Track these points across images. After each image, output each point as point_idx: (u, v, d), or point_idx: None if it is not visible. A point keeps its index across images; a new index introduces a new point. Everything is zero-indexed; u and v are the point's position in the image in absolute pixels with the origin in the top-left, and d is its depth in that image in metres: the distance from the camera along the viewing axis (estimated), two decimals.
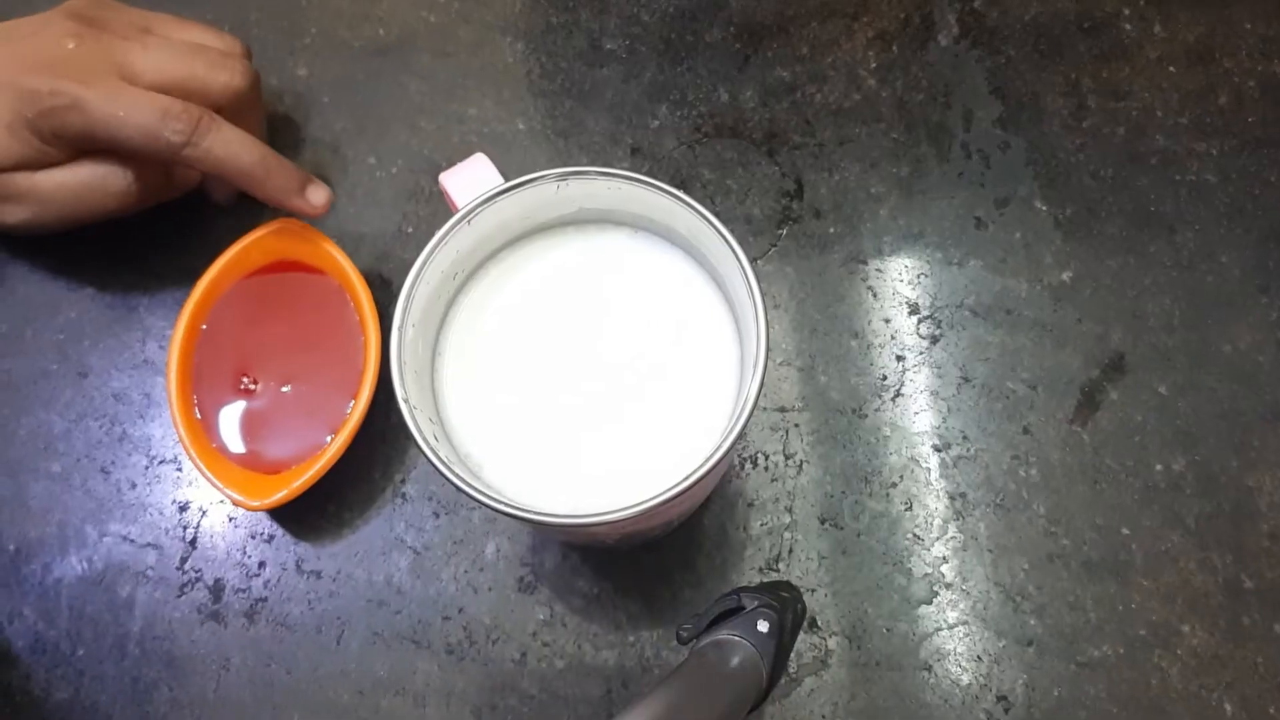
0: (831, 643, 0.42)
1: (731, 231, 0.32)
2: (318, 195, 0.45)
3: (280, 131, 0.50)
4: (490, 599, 0.43)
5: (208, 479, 0.42)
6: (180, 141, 0.41)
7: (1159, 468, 0.44)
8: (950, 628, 0.42)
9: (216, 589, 0.44)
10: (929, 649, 0.42)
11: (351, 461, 0.43)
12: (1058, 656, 0.42)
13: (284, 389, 0.44)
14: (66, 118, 0.40)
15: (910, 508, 0.44)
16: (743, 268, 0.32)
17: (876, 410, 0.45)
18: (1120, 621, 0.42)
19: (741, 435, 0.30)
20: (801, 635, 0.42)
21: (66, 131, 0.41)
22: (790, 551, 0.43)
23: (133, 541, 0.45)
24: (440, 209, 0.49)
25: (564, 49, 0.52)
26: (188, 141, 0.41)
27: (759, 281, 0.31)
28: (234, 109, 0.44)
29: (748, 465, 0.45)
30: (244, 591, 0.44)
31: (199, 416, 0.43)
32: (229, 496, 0.41)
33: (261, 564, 0.44)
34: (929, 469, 0.44)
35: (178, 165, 0.43)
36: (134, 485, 0.46)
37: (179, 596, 0.44)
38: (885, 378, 0.46)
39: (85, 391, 0.47)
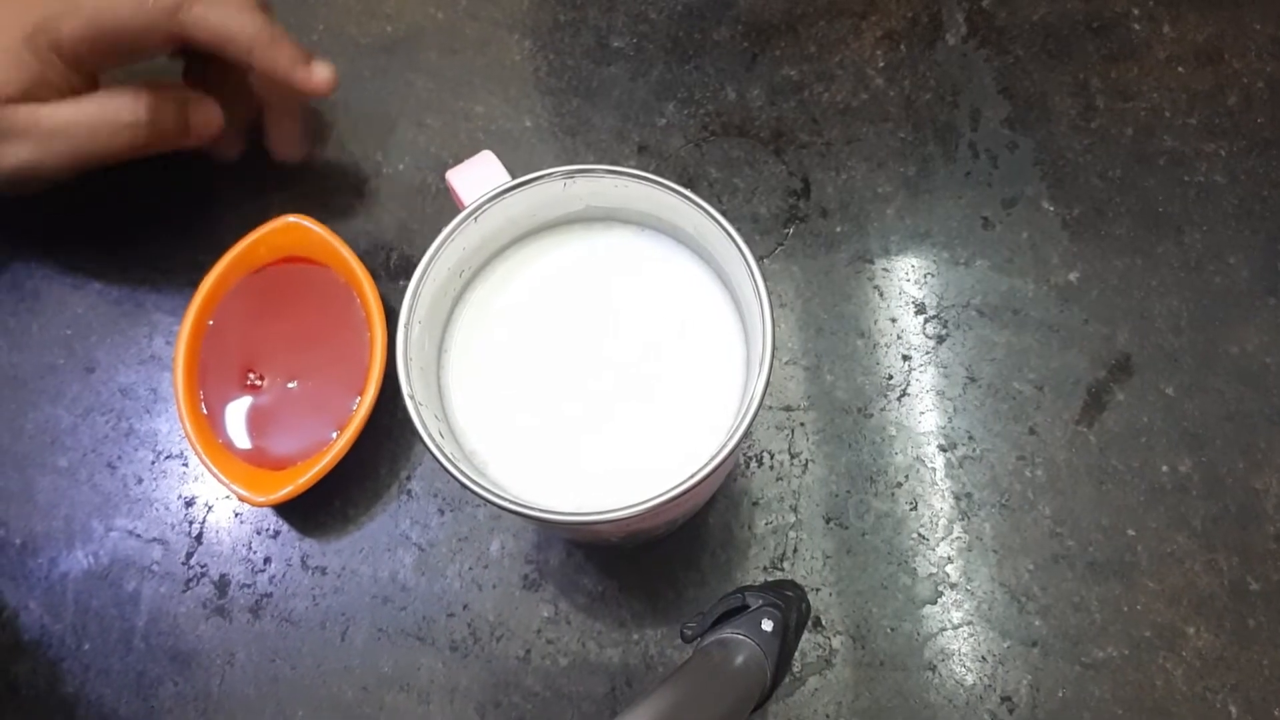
0: (836, 642, 0.42)
1: (738, 230, 0.32)
2: (323, 70, 0.43)
3: None
4: (495, 596, 0.43)
5: (214, 474, 0.42)
6: (170, 4, 0.39)
7: (1165, 469, 0.44)
8: (955, 628, 0.42)
9: (222, 584, 0.44)
10: (933, 649, 0.42)
11: (357, 458, 0.43)
12: (1062, 657, 0.42)
13: (290, 385, 0.44)
14: (60, 26, 0.38)
15: (915, 507, 0.44)
16: (749, 266, 0.32)
17: (882, 410, 0.45)
18: (1125, 623, 0.42)
19: (747, 434, 0.30)
20: (806, 634, 0.42)
21: (63, 39, 0.39)
22: (795, 551, 0.43)
23: (139, 536, 0.45)
24: (447, 206, 0.49)
25: (571, 47, 0.52)
26: (178, 5, 0.39)
27: (765, 280, 0.31)
28: None
29: (753, 464, 0.45)
30: (249, 587, 0.44)
31: (205, 412, 0.43)
32: (235, 492, 0.42)
33: (267, 559, 0.44)
34: (934, 469, 0.44)
35: (175, 41, 0.41)
36: (140, 480, 0.46)
37: (184, 591, 0.44)
38: (891, 377, 0.46)
39: (92, 386, 0.47)
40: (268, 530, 0.45)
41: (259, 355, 0.44)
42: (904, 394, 0.45)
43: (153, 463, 0.46)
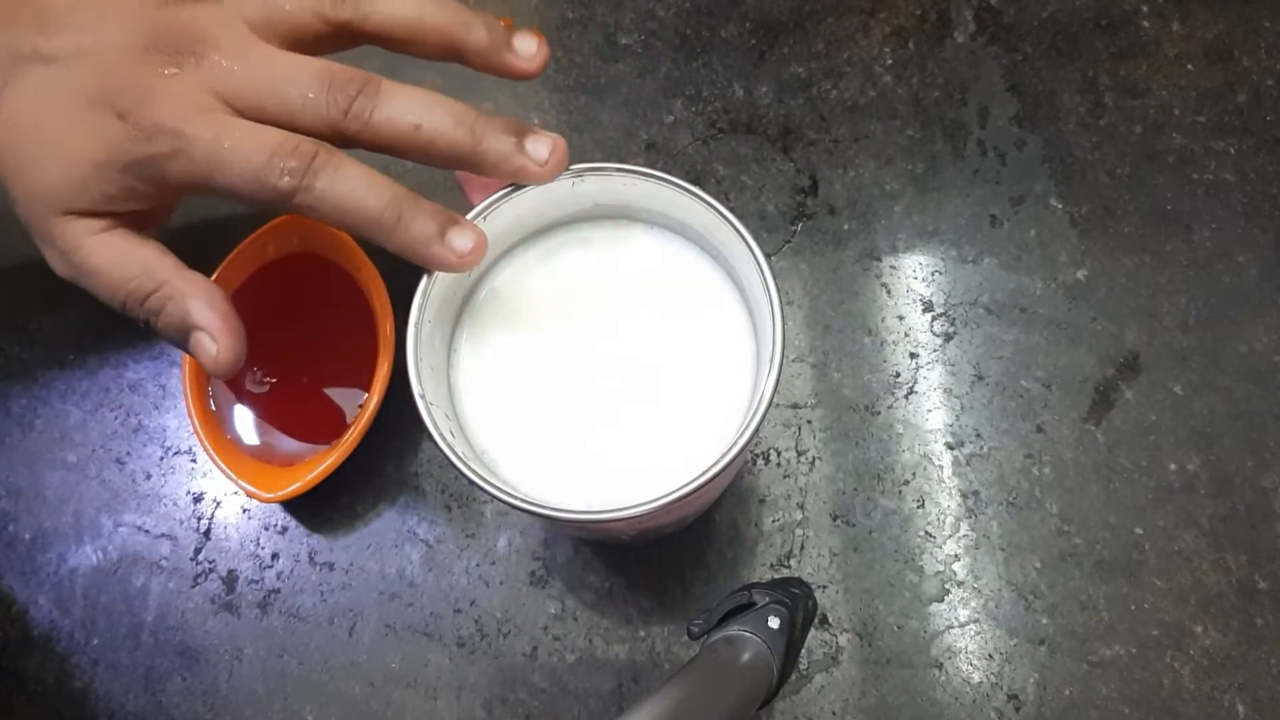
0: (842, 639, 0.42)
1: (746, 227, 0.32)
2: (463, 240, 0.34)
3: None
4: (502, 592, 0.43)
5: (222, 471, 0.42)
6: (289, 187, 0.33)
7: (1173, 468, 0.44)
8: (961, 626, 0.42)
9: (230, 580, 0.44)
10: (940, 647, 0.42)
11: (365, 455, 0.43)
12: (1069, 656, 0.42)
13: (298, 381, 0.44)
14: (166, 168, 0.33)
15: (922, 505, 0.44)
16: (758, 264, 0.32)
17: (889, 408, 0.45)
18: (1133, 621, 0.42)
19: (756, 432, 0.30)
20: (812, 632, 0.42)
21: (167, 179, 0.34)
22: (802, 548, 0.43)
23: (147, 532, 0.45)
24: (457, 204, 0.49)
25: (579, 44, 0.52)
26: (298, 186, 0.33)
27: (774, 278, 0.31)
28: None
29: (760, 462, 0.45)
30: (257, 583, 0.44)
31: (214, 408, 0.44)
32: (243, 488, 0.42)
33: (275, 555, 0.45)
34: (942, 467, 0.44)
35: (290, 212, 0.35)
36: (149, 476, 0.46)
37: (192, 587, 0.44)
38: (898, 375, 0.46)
39: (101, 382, 0.47)
40: (276, 526, 0.45)
41: (267, 351, 0.44)
42: (911, 392, 0.45)
43: (161, 459, 0.46)
